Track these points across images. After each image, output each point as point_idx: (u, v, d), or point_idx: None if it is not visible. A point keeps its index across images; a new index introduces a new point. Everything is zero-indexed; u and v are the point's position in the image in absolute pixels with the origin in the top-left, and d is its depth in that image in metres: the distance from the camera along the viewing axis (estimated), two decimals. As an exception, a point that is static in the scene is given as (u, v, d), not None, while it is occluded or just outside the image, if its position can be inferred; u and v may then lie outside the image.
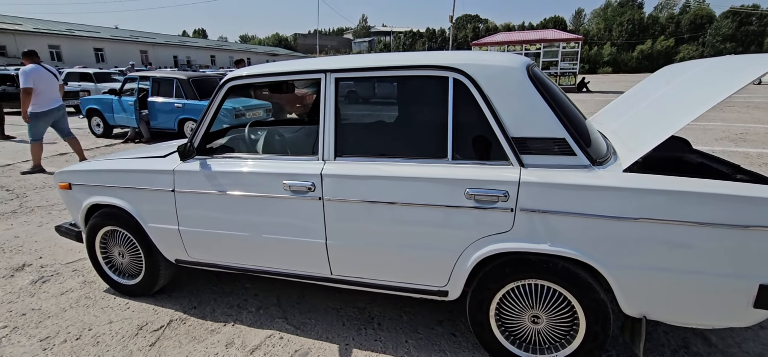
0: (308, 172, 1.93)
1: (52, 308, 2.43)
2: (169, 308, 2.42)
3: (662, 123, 1.63)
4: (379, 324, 2.23)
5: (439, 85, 1.81)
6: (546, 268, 1.69)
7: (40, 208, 4.23)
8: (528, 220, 1.65)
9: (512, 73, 1.72)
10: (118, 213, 2.38)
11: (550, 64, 21.42)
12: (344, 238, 1.93)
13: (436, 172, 1.76)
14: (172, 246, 2.29)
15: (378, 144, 1.98)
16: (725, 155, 6.14)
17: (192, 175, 2.14)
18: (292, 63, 2.12)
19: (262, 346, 2.07)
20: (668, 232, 1.50)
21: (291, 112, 10.17)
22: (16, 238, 3.46)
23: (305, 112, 9.96)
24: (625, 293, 1.62)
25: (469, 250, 1.75)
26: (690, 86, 1.79)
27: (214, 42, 60.60)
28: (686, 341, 2.05)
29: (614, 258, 1.58)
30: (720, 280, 1.49)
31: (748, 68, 1.57)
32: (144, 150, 2.69)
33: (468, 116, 1.77)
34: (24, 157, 6.68)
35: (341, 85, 1.97)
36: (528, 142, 1.67)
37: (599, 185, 1.55)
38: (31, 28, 30.61)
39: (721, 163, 2.16)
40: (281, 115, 9.18)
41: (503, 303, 1.83)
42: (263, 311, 2.37)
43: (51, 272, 2.86)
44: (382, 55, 2.02)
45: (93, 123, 8.61)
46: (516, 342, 1.87)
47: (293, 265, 2.08)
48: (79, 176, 2.47)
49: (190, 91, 7.56)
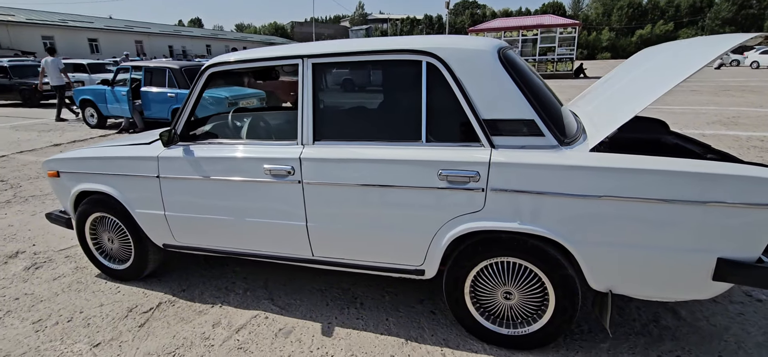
0: (288, 156, 1.97)
1: (44, 293, 2.50)
2: (159, 291, 2.48)
3: (628, 104, 1.68)
4: (362, 304, 2.30)
5: (413, 69, 1.85)
6: (516, 246, 1.75)
7: (34, 197, 4.28)
8: (498, 200, 1.71)
9: (483, 56, 1.76)
10: (106, 199, 2.43)
11: (548, 49, 21.32)
12: (324, 220, 1.98)
13: (410, 155, 1.81)
14: (159, 231, 2.35)
15: (355, 128, 2.02)
16: (716, 139, 6.19)
17: (176, 161, 2.19)
18: (271, 49, 2.15)
19: (248, 326, 2.14)
20: (631, 209, 1.56)
21: (285, 101, 10.18)
22: (9, 227, 3.51)
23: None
24: (591, 269, 1.68)
25: (443, 230, 1.81)
26: (658, 68, 1.83)
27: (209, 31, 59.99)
28: (656, 315, 2.12)
29: (580, 235, 1.64)
30: (680, 254, 1.56)
31: (713, 47, 1.61)
32: (130, 138, 2.73)
33: (441, 99, 1.81)
34: (17, 149, 6.70)
35: (318, 70, 2.00)
36: (498, 124, 1.72)
37: (565, 164, 1.61)
38: (24, 19, 30.25)
39: (695, 144, 2.22)
40: (276, 104, 9.20)
41: (477, 280, 1.90)
42: (250, 293, 2.44)
43: (44, 259, 2.92)
44: (359, 40, 2.05)
45: (87, 114, 8.61)
46: (490, 317, 1.94)
47: (276, 247, 2.14)
48: (67, 164, 2.51)
49: (183, 80, 7.55)
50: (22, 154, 6.37)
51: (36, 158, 6.05)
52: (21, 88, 12.35)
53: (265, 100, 8.30)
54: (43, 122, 9.54)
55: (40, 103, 12.49)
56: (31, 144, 7.09)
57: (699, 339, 1.95)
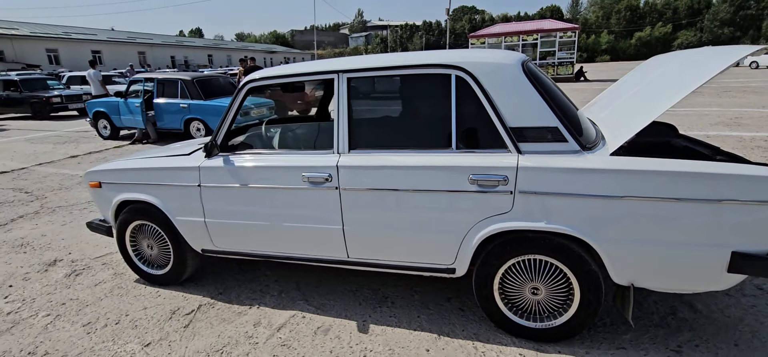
0: (325, 165, 2.11)
1: (88, 298, 2.63)
2: (197, 295, 2.62)
3: (644, 110, 1.82)
4: (393, 302, 2.43)
5: (443, 81, 1.99)
6: (543, 244, 1.88)
7: (61, 208, 4.42)
8: (526, 202, 1.84)
9: (509, 69, 1.91)
10: (147, 208, 2.57)
11: (548, 54, 21.53)
12: (359, 223, 2.12)
13: (442, 161, 1.94)
14: (198, 237, 2.48)
15: (388, 137, 2.16)
16: (719, 139, 6.32)
17: (216, 170, 2.33)
18: (307, 64, 2.30)
19: (288, 325, 2.27)
20: (650, 208, 1.69)
21: (292, 109, 10.34)
22: (43, 236, 3.65)
23: (306, 109, 10.15)
24: (613, 264, 1.81)
25: (474, 230, 1.95)
26: (670, 76, 1.98)
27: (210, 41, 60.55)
28: (673, 309, 2.25)
29: (603, 233, 1.77)
30: (697, 248, 1.69)
31: (722, 58, 1.75)
32: (168, 149, 2.88)
33: (469, 109, 1.95)
34: (36, 161, 6.86)
35: (353, 83, 2.15)
36: (524, 131, 1.86)
37: (589, 168, 1.74)
38: (28, 32, 30.63)
39: (704, 146, 2.35)
40: (283, 111, 9.37)
41: (506, 277, 2.03)
42: (285, 295, 2.57)
43: (82, 266, 3.06)
44: (390, 55, 2.20)
45: (100, 125, 8.78)
46: (518, 312, 2.07)
47: (313, 250, 2.28)
48: (108, 175, 2.66)
49: (195, 91, 7.73)
50: (42, 165, 6.53)
51: (56, 170, 6.21)
52: (31, 101, 12.55)
53: (273, 109, 8.48)
54: (56, 134, 9.72)
55: (50, 115, 12.69)
56: (48, 156, 7.25)
57: (715, 329, 2.07)
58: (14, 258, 3.25)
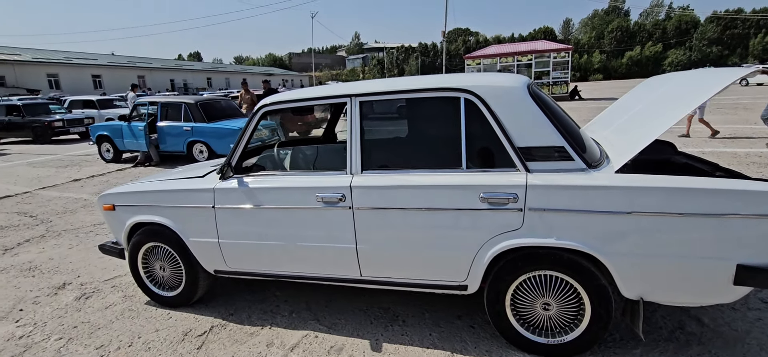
0: (338, 185, 2.17)
1: (100, 320, 2.64)
2: (209, 316, 2.63)
3: (647, 129, 1.90)
4: (404, 321, 2.45)
5: (452, 104, 2.07)
6: (553, 260, 1.93)
7: (67, 231, 4.44)
8: (536, 218, 1.90)
9: (515, 92, 1.99)
10: (161, 230, 2.61)
11: (542, 74, 21.93)
12: (372, 242, 2.16)
13: (453, 180, 2.01)
14: (212, 258, 2.52)
15: (400, 158, 2.23)
16: (715, 155, 6.44)
17: (231, 192, 2.38)
18: (319, 89, 2.38)
19: (300, 345, 2.28)
20: (657, 223, 1.75)
21: (292, 130, 10.47)
22: (50, 260, 3.66)
23: (307, 130, 10.28)
24: (622, 278, 1.86)
25: (485, 248, 2.00)
26: (668, 97, 2.07)
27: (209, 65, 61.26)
28: (681, 323, 2.28)
29: (612, 247, 1.83)
30: (703, 262, 1.74)
31: (716, 81, 1.85)
32: (179, 172, 2.93)
33: (478, 130, 2.03)
34: (39, 185, 6.88)
35: (365, 107, 2.23)
36: (532, 151, 1.93)
37: (595, 185, 1.81)
38: (30, 58, 30.97)
39: (703, 163, 2.43)
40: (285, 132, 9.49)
41: (517, 293, 2.07)
42: (296, 315, 2.59)
43: (92, 289, 3.06)
44: (399, 79, 2.29)
45: (103, 149, 8.83)
46: (530, 328, 2.10)
47: (326, 269, 2.31)
48: (122, 198, 2.70)
49: (198, 114, 7.84)
50: (45, 189, 6.55)
51: (59, 194, 6.23)
52: (33, 126, 12.63)
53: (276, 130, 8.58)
54: (58, 158, 9.76)
55: (51, 139, 12.75)
56: (51, 180, 7.28)
57: (723, 343, 2.10)
58: (23, 282, 3.26)
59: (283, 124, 10.29)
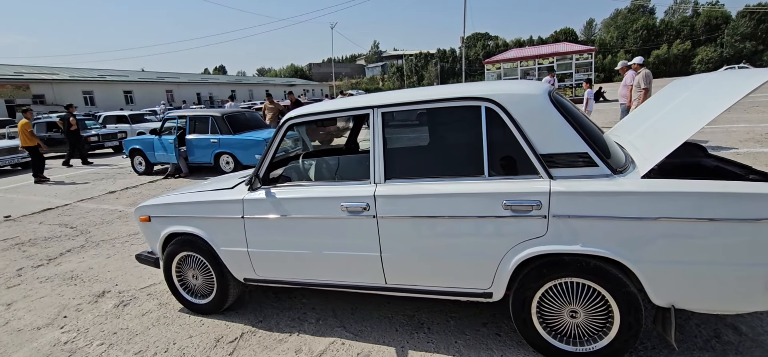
0: (363, 194, 2.22)
1: (137, 327, 2.77)
2: (239, 323, 2.72)
3: (673, 133, 1.87)
4: (429, 328, 2.47)
5: (473, 113, 2.10)
6: (580, 267, 1.92)
7: (104, 242, 4.67)
8: (560, 225, 1.89)
9: (537, 99, 2.00)
10: (194, 240, 2.73)
11: (565, 76, 21.53)
12: (397, 250, 2.20)
13: (476, 188, 2.03)
14: (241, 266, 2.61)
15: (422, 166, 2.27)
16: (750, 157, 6.17)
17: (259, 202, 2.47)
18: (342, 101, 2.45)
19: (328, 351, 2.33)
20: (687, 229, 1.72)
21: (314, 140, 10.66)
22: (90, 270, 3.86)
23: (328, 139, 10.44)
24: (652, 285, 1.83)
25: (510, 255, 2.00)
26: (696, 99, 2.03)
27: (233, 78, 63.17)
28: (717, 331, 2.21)
29: (640, 254, 1.80)
30: (736, 268, 1.69)
31: (747, 81, 1.80)
32: (210, 183, 3.06)
33: (500, 138, 2.04)
34: (77, 197, 7.26)
35: (387, 117, 2.28)
36: (554, 157, 1.93)
37: (621, 191, 1.79)
38: (67, 76, 32.74)
39: (735, 165, 2.36)
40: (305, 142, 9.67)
41: (543, 301, 2.06)
42: (322, 322, 2.65)
43: (129, 297, 3.22)
44: (420, 89, 2.34)
45: (136, 162, 9.24)
46: (557, 336, 2.08)
47: (351, 277, 2.36)
48: (158, 209, 2.84)
49: (225, 126, 8.10)
50: (83, 202, 6.90)
51: (96, 205, 6.55)
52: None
53: (299, 140, 8.76)
54: (94, 171, 10.25)
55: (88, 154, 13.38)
56: (88, 192, 7.66)
57: (762, 352, 2.02)
58: (66, 290, 3.45)
59: (307, 133, 10.51)
